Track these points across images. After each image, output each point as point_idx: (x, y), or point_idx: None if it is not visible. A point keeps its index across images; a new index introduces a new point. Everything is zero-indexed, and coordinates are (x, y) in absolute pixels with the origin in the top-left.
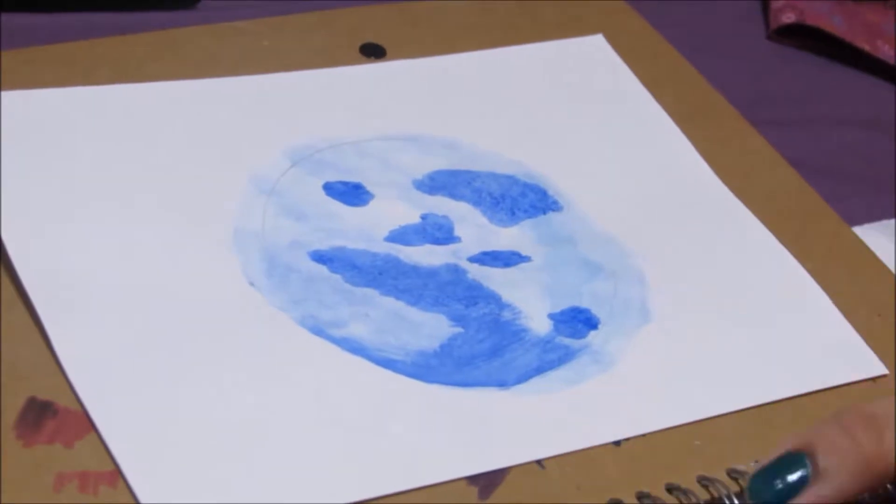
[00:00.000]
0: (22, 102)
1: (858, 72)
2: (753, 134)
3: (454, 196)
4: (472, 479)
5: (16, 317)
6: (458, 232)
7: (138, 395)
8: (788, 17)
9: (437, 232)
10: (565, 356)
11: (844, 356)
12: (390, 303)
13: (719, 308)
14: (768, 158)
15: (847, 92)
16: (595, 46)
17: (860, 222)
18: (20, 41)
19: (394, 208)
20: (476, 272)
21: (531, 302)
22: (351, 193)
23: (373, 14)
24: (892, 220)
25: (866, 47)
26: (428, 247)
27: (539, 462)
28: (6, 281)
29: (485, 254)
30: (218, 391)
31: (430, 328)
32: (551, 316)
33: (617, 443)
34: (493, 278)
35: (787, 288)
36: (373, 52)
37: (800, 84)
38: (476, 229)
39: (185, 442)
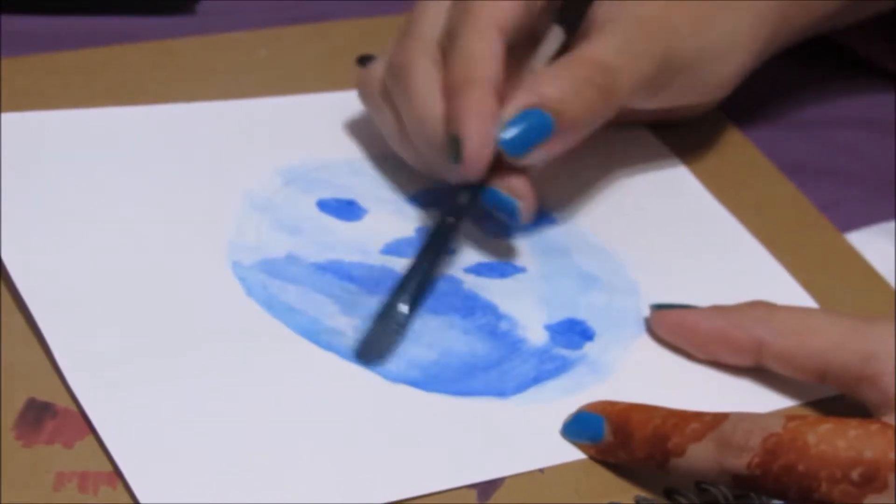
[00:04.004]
0: (22, 124)
1: (857, 72)
2: (746, 143)
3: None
4: (472, 483)
5: (16, 319)
6: (453, 244)
7: (137, 398)
8: None
9: None
10: (562, 366)
11: None
12: None
13: None
14: (761, 168)
15: (846, 92)
16: None
17: (859, 225)
18: (19, 45)
19: (388, 222)
20: (472, 283)
21: (527, 313)
22: (345, 209)
23: (370, 26)
24: (893, 223)
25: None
26: None
27: None
28: (6, 286)
29: (481, 264)
30: (215, 395)
31: (429, 337)
32: (548, 327)
33: None
34: (490, 289)
35: (778, 299)
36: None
37: (798, 85)
38: (471, 241)
39: (184, 443)
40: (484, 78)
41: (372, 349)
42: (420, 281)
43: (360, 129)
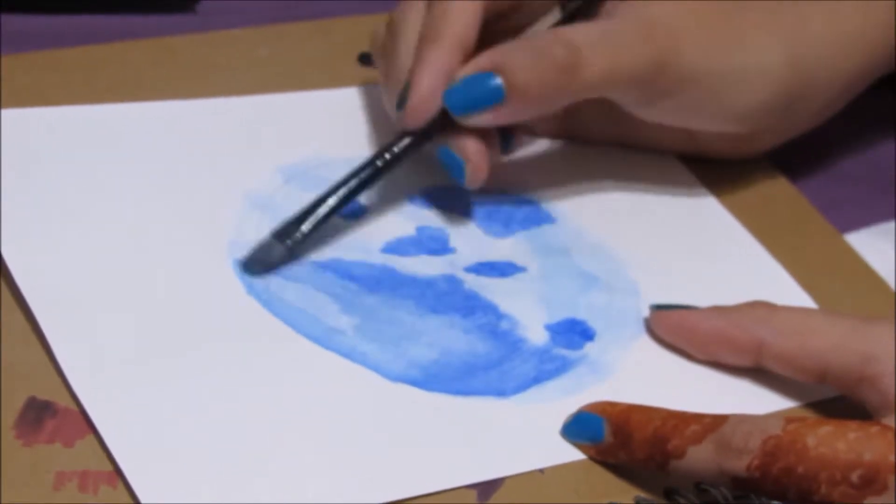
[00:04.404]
0: (22, 120)
1: None
2: None
3: (448, 209)
4: (472, 483)
5: (16, 318)
6: (453, 243)
7: (138, 397)
8: None
9: (433, 243)
10: (563, 366)
11: None
12: (388, 312)
13: None
14: (761, 169)
15: None
16: None
17: (859, 225)
18: (19, 43)
19: (389, 221)
20: (472, 282)
21: (528, 312)
22: (345, 207)
23: (370, 24)
24: (892, 223)
25: None
26: (424, 257)
27: None
28: (6, 284)
29: (481, 264)
30: (216, 394)
31: (429, 337)
32: (548, 327)
33: None
34: (490, 288)
35: (778, 299)
36: (370, 61)
37: None
38: (471, 240)
39: (184, 442)
40: (447, 34)
41: (260, 261)
42: (327, 212)
43: (361, 127)
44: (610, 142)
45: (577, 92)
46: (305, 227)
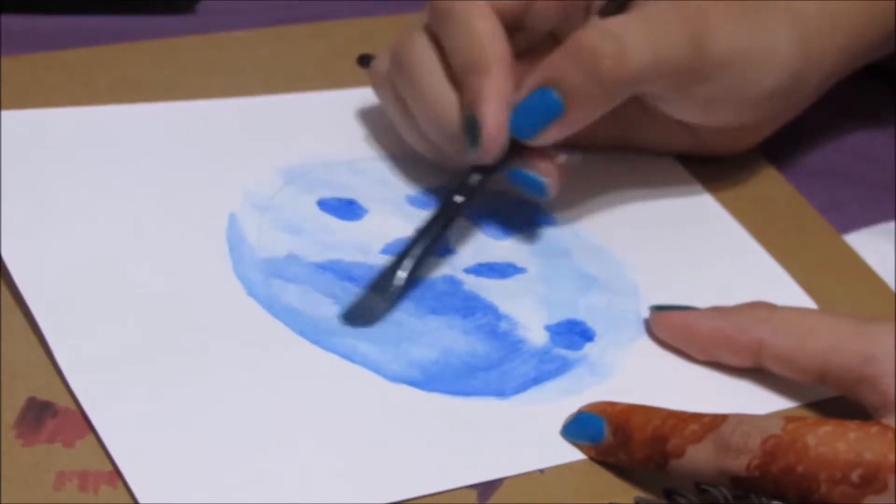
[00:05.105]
0: (22, 121)
1: (857, 72)
2: None
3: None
4: (472, 483)
5: (16, 318)
6: (452, 244)
7: (137, 397)
8: None
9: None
10: (562, 367)
11: None
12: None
13: None
14: (760, 169)
15: (846, 92)
16: None
17: (859, 226)
18: (19, 44)
19: (388, 222)
20: (472, 283)
21: (527, 313)
22: (345, 209)
23: (370, 26)
24: (892, 223)
25: None
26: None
27: None
28: (6, 284)
29: (481, 265)
30: (215, 395)
31: (429, 337)
32: (548, 327)
33: None
34: (490, 289)
35: (777, 300)
36: (369, 63)
37: None
38: (471, 242)
39: (183, 443)
40: (497, 58)
41: (362, 313)
42: (420, 254)
43: (361, 129)
44: (611, 145)
45: (630, 81)
46: (401, 274)
